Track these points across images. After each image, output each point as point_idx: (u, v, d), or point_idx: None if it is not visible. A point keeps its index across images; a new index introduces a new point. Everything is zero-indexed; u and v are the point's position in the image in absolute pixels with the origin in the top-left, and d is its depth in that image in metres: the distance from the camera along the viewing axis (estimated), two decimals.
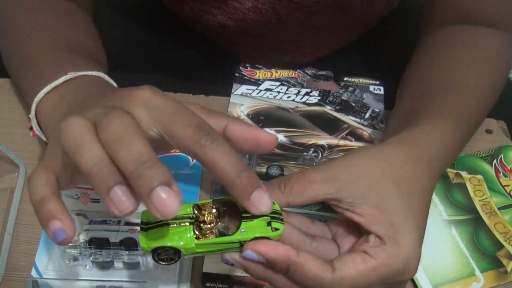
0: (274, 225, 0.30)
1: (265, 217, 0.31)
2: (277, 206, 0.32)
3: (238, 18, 0.55)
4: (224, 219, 0.31)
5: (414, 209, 0.33)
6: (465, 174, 0.46)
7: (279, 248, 0.30)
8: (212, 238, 0.30)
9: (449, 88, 0.42)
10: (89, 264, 0.39)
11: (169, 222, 0.30)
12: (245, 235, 0.30)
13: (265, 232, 0.30)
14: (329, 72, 0.54)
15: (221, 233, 0.30)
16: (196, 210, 0.31)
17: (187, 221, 0.31)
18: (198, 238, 0.30)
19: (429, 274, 0.41)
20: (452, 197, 0.45)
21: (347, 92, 0.53)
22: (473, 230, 0.43)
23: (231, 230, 0.30)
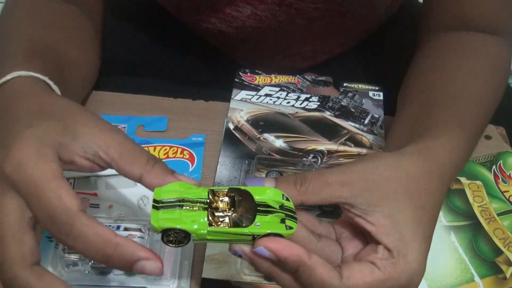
0: (288, 223, 0.30)
1: (279, 214, 0.30)
2: (292, 204, 0.32)
3: (237, 26, 0.55)
4: (238, 209, 0.31)
5: (424, 222, 0.33)
6: (464, 180, 0.47)
7: (292, 248, 0.30)
8: (225, 227, 0.30)
9: (455, 97, 0.42)
10: (88, 269, 0.39)
11: (183, 204, 0.30)
12: (259, 229, 0.30)
13: (279, 229, 0.30)
14: (328, 78, 0.55)
15: (234, 223, 0.30)
16: (211, 196, 0.31)
17: (201, 205, 0.30)
18: (211, 224, 0.30)
19: (428, 279, 0.41)
20: (451, 203, 0.45)
21: (346, 97, 0.53)
22: (472, 236, 0.43)
23: (245, 222, 0.30)
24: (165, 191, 0.31)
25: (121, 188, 0.45)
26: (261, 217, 0.30)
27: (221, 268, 0.41)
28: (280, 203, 0.31)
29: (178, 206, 0.30)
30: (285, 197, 0.32)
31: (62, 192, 0.29)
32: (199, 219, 0.29)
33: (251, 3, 0.52)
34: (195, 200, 0.30)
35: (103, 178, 0.45)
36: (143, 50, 0.64)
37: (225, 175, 0.46)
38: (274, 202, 0.31)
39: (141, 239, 0.39)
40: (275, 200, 0.31)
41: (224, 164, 0.47)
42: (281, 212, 0.30)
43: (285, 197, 0.32)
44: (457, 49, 0.47)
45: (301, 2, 0.52)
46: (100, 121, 0.33)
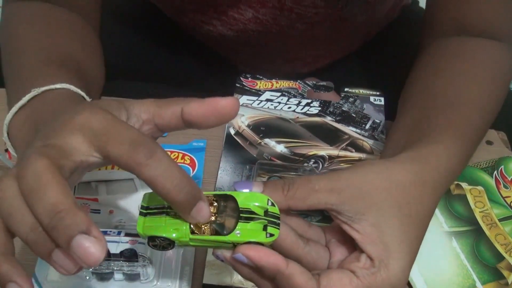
0: (269, 230, 0.31)
1: (262, 220, 0.31)
2: (277, 209, 0.32)
3: (238, 29, 0.56)
4: (221, 215, 0.32)
5: (411, 233, 0.34)
6: (466, 185, 0.47)
7: (269, 256, 0.31)
8: (206, 235, 0.31)
9: (455, 102, 0.42)
10: (89, 275, 0.40)
11: (168, 211, 0.31)
12: (238, 238, 0.31)
13: (259, 238, 0.31)
14: (329, 83, 0.55)
15: (216, 231, 0.31)
16: None
17: None
18: (193, 232, 0.31)
19: (430, 286, 0.41)
20: (452, 208, 0.46)
21: (347, 103, 0.53)
22: (474, 242, 0.43)
23: (227, 229, 0.31)
24: (153, 197, 0.32)
25: (122, 194, 0.45)
26: (243, 225, 0.31)
27: (222, 273, 0.41)
28: (265, 208, 0.32)
29: (164, 213, 0.31)
30: (270, 202, 0.32)
31: None
32: (182, 227, 0.31)
33: (253, 6, 0.53)
34: None
35: (104, 184, 0.45)
36: (142, 55, 0.64)
37: (226, 180, 0.47)
38: (258, 208, 0.32)
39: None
40: (260, 206, 0.32)
41: (225, 169, 0.48)
42: (264, 218, 0.31)
43: (270, 202, 0.32)
44: (457, 54, 0.47)
45: (302, 7, 0.52)
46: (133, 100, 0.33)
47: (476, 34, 0.48)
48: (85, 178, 0.45)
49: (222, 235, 0.31)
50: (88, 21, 0.51)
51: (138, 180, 0.46)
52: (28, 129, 0.35)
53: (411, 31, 0.62)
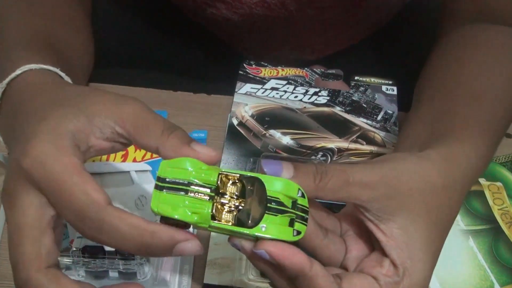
0: (296, 226, 0.30)
1: (290, 214, 0.30)
2: (306, 201, 0.31)
3: (244, 13, 0.55)
4: (247, 201, 0.30)
5: (436, 242, 0.34)
6: (484, 181, 0.47)
7: (295, 256, 0.30)
8: (228, 224, 0.29)
9: (480, 95, 0.42)
10: (82, 273, 0.39)
11: (188, 189, 0.29)
12: (264, 233, 0.29)
13: (286, 236, 0.29)
14: (338, 71, 0.54)
15: (239, 221, 0.29)
16: (221, 180, 0.30)
17: (207, 192, 0.29)
18: (214, 218, 0.29)
19: (445, 287, 0.41)
20: (469, 205, 0.45)
21: (358, 92, 0.53)
22: (492, 241, 0.43)
23: (252, 219, 0.29)
24: (173, 166, 0.30)
25: (117, 187, 0.44)
26: (270, 217, 0.29)
27: (224, 273, 0.41)
28: (294, 199, 0.30)
29: (183, 190, 0.29)
30: (300, 193, 0.30)
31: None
32: (202, 211, 0.29)
33: None
34: (202, 184, 0.29)
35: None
36: (140, 40, 0.63)
37: None
38: (287, 198, 0.30)
39: None
40: (289, 196, 0.30)
41: (227, 162, 0.47)
42: (292, 212, 0.30)
43: (301, 192, 0.31)
44: (480, 43, 0.46)
45: None
46: (113, 96, 0.32)
47: (499, 21, 0.47)
48: None
49: (246, 227, 0.29)
50: (80, 3, 0.50)
51: (135, 173, 0.45)
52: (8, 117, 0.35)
53: (425, 16, 0.62)
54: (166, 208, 0.29)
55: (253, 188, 0.30)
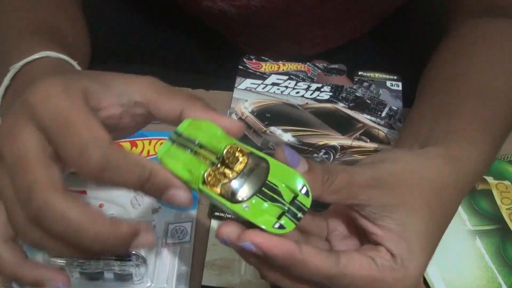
0: (283, 220, 0.29)
1: (282, 206, 0.29)
2: (309, 202, 0.29)
3: (241, 5, 0.54)
4: (243, 178, 0.29)
5: (433, 238, 0.34)
6: (491, 179, 0.46)
7: (281, 244, 0.29)
8: (215, 191, 0.29)
9: (485, 93, 0.41)
10: (76, 275, 0.39)
11: (196, 150, 0.30)
12: (243, 212, 0.28)
13: (265, 224, 0.28)
14: (341, 66, 0.54)
15: (226, 192, 0.29)
16: (229, 152, 0.30)
17: (212, 158, 0.29)
18: (204, 182, 0.29)
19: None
20: (477, 205, 0.45)
21: (361, 87, 0.53)
22: (500, 242, 0.43)
23: (239, 196, 0.29)
24: (193, 126, 0.30)
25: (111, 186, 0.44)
26: (258, 200, 0.29)
27: (222, 274, 0.40)
28: (295, 194, 0.29)
29: (191, 149, 0.30)
30: (305, 190, 0.29)
31: (93, 124, 0.29)
32: (196, 171, 0.29)
33: None
34: (211, 150, 0.30)
35: None
36: (137, 35, 0.63)
37: None
38: (288, 190, 0.29)
39: None
40: (291, 188, 0.29)
41: None
42: (286, 205, 0.29)
43: (306, 189, 0.29)
44: (488, 38, 0.46)
45: None
46: (130, 74, 0.33)
47: (506, 13, 0.46)
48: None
49: (229, 201, 0.29)
50: None
51: None
52: None
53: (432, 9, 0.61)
54: (167, 159, 0.30)
55: (256, 169, 0.30)
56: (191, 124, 0.30)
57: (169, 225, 0.42)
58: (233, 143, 0.30)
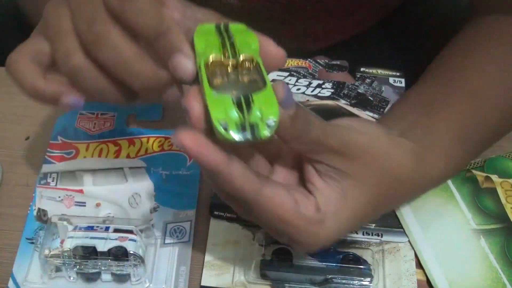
0: (233, 128, 0.27)
1: (243, 119, 0.28)
2: (265, 135, 0.28)
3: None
4: (238, 80, 0.30)
5: (363, 216, 0.35)
6: (496, 178, 0.46)
7: (210, 152, 0.28)
8: (208, 74, 0.29)
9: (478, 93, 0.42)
10: (73, 275, 0.39)
11: (226, 43, 0.31)
12: (210, 97, 0.28)
13: (215, 115, 0.28)
14: (343, 62, 0.54)
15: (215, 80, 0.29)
16: (247, 58, 0.31)
17: (230, 53, 0.31)
18: (208, 66, 0.30)
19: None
20: (481, 203, 0.44)
21: (364, 84, 0.52)
22: (505, 241, 0.42)
23: (222, 86, 0.29)
24: (240, 30, 0.32)
25: (110, 185, 0.44)
26: (229, 100, 0.28)
27: (222, 275, 0.40)
28: (262, 120, 0.28)
29: (222, 40, 0.31)
30: (271, 123, 0.28)
31: None
32: (209, 53, 0.30)
33: None
34: (236, 50, 0.31)
35: (90, 173, 0.44)
36: None
37: None
38: (259, 114, 0.28)
39: (133, 243, 0.38)
40: (263, 115, 0.28)
41: None
42: (247, 121, 0.28)
43: (272, 125, 0.28)
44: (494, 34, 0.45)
45: None
46: None
47: None
48: (69, 167, 0.45)
49: (208, 84, 0.29)
50: None
51: (128, 170, 0.45)
52: None
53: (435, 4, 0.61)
54: (200, 33, 0.31)
55: (253, 83, 0.30)
56: (241, 29, 0.32)
57: (167, 225, 0.42)
58: (257, 59, 0.30)
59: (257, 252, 0.40)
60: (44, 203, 0.42)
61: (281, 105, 0.29)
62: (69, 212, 0.42)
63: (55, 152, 0.46)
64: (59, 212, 0.42)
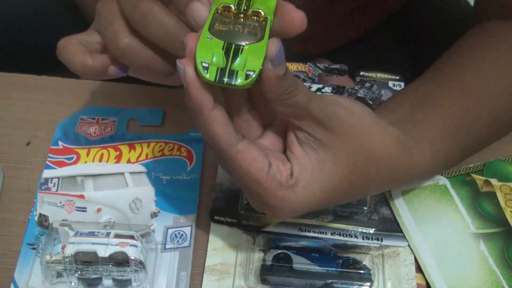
0: (212, 70, 0.29)
1: (226, 63, 0.30)
2: (243, 84, 0.30)
3: None
4: (236, 28, 0.31)
5: (338, 193, 0.36)
6: (495, 181, 0.46)
7: (198, 91, 0.30)
8: (214, 17, 0.31)
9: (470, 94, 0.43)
10: (74, 281, 0.39)
11: None
12: (202, 39, 0.30)
13: (200, 55, 0.30)
14: (343, 66, 0.54)
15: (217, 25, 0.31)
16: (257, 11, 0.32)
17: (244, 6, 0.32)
18: (217, 12, 0.31)
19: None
20: (480, 207, 0.45)
21: (363, 88, 0.52)
22: (504, 245, 0.43)
23: (217, 29, 0.31)
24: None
25: (111, 190, 0.44)
26: (219, 46, 0.30)
27: (223, 280, 0.40)
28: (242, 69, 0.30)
29: None
30: (251, 75, 0.30)
31: None
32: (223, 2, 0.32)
33: None
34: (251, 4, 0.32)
35: (91, 178, 0.45)
36: None
37: (226, 175, 0.45)
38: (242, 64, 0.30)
39: (134, 248, 0.38)
40: (246, 64, 0.30)
41: None
42: (228, 66, 0.30)
43: (251, 76, 0.30)
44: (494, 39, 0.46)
45: None
46: None
47: None
48: (70, 172, 0.45)
49: (208, 27, 0.31)
50: None
51: (129, 175, 0.45)
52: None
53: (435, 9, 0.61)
54: None
55: (251, 33, 0.31)
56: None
57: (168, 230, 0.42)
58: (268, 16, 0.31)
59: (258, 257, 0.41)
60: (45, 209, 0.43)
61: (271, 62, 0.30)
62: (70, 218, 0.42)
63: (56, 157, 0.46)
64: (60, 217, 0.42)
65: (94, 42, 0.38)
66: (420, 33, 0.63)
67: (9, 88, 0.52)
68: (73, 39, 0.38)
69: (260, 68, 0.30)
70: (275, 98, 0.31)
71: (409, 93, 0.45)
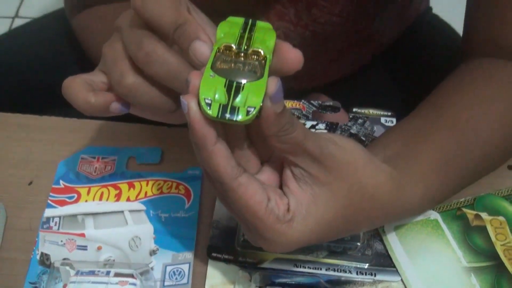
0: (215, 106, 0.31)
1: (228, 100, 0.31)
2: (242, 120, 0.31)
3: None
4: (237, 66, 0.33)
5: (333, 228, 0.37)
6: (486, 215, 0.47)
7: (202, 127, 0.31)
8: (216, 56, 0.33)
9: (462, 128, 0.44)
10: None
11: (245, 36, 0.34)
12: (205, 76, 0.32)
13: (203, 91, 0.31)
14: (336, 103, 0.55)
15: (219, 64, 0.33)
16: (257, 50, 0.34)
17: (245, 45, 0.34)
18: (219, 51, 0.33)
19: None
20: (471, 241, 0.46)
21: (356, 124, 0.54)
22: (495, 278, 0.44)
23: (219, 67, 0.32)
24: (265, 29, 0.35)
25: (111, 228, 0.45)
26: (221, 83, 0.32)
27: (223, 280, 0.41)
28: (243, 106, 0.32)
29: (242, 33, 0.34)
30: (252, 111, 0.31)
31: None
32: (224, 41, 0.34)
33: (270, 18, 0.53)
34: (252, 43, 0.34)
35: (91, 217, 0.46)
36: None
37: (224, 212, 0.47)
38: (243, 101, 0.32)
39: (133, 286, 0.40)
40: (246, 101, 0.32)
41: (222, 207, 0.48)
42: (230, 103, 0.31)
43: (252, 112, 0.31)
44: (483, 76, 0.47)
45: (318, 24, 0.52)
46: None
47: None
48: (71, 211, 0.46)
49: (211, 64, 0.33)
50: None
51: (129, 213, 0.46)
52: None
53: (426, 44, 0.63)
54: (225, 23, 0.35)
55: (250, 71, 0.33)
56: (266, 27, 0.35)
57: (167, 267, 0.44)
58: (267, 55, 0.33)
59: None
60: (47, 247, 0.44)
61: (270, 99, 0.32)
62: (71, 256, 0.44)
63: (57, 196, 0.48)
64: (62, 256, 0.43)
65: (99, 81, 0.40)
66: (409, 68, 0.65)
67: (12, 129, 0.53)
68: (78, 78, 0.39)
69: (260, 104, 0.32)
70: (273, 135, 0.33)
71: (400, 129, 0.46)
